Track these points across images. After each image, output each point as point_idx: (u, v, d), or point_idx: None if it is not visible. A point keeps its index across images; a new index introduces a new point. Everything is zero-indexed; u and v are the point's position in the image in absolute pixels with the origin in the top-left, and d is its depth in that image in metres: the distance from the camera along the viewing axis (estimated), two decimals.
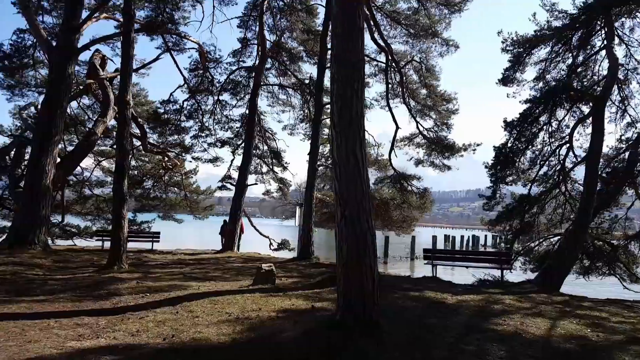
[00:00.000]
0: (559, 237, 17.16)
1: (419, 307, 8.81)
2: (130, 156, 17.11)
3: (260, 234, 23.34)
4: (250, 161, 22.03)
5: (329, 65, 19.81)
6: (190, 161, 24.32)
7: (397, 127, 18.38)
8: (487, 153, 18.71)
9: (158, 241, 20.97)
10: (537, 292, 11.88)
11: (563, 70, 18.59)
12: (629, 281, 15.48)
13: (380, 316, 6.70)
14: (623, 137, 17.44)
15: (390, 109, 17.67)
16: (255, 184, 24.07)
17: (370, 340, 6.05)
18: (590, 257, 15.91)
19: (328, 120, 19.99)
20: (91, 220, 23.45)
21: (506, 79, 18.97)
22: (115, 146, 22.01)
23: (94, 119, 21.04)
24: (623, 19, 16.84)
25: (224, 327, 6.51)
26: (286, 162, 24.07)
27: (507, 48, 18.38)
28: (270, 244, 23.25)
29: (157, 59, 20.57)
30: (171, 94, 22.59)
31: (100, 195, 23.86)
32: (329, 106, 21.75)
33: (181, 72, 22.11)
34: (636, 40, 16.74)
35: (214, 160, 24.51)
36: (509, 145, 16.85)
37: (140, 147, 22.84)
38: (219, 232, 23.06)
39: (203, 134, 24.09)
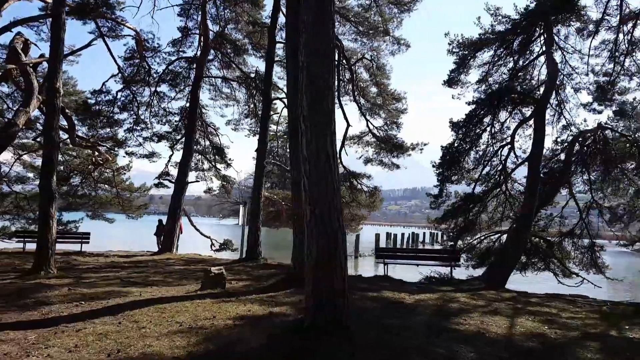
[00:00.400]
0: (499, 234, 17.81)
1: (378, 307, 8.57)
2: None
3: (201, 234, 22.29)
4: (191, 157, 20.95)
5: (277, 58, 19.36)
6: (125, 156, 22.76)
7: (348, 125, 18.14)
8: (426, 153, 19.02)
9: (88, 242, 19.41)
10: (485, 289, 12.09)
11: (505, 73, 19.19)
12: (561, 275, 16.21)
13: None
14: (559, 139, 18.36)
15: (341, 106, 17.38)
16: (197, 181, 22.95)
17: (341, 342, 5.73)
18: (527, 254, 16.49)
19: (275, 117, 19.42)
20: (10, 220, 21.28)
21: (451, 81, 19.28)
22: (39, 139, 20.19)
23: (15, 108, 19.04)
24: (559, 27, 17.58)
25: (176, 339, 5.83)
26: (230, 159, 23.16)
27: (454, 50, 18.68)
28: (212, 244, 22.25)
29: (88, 45, 18.91)
30: (104, 84, 21.02)
31: (20, 193, 21.69)
32: (277, 102, 21.49)
33: (115, 61, 20.61)
34: (571, 47, 17.56)
35: (150, 155, 23.09)
36: (456, 145, 17.16)
37: (68, 140, 21.00)
38: (155, 233, 21.78)
39: (138, 128, 22.61)
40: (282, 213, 19.87)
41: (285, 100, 19.03)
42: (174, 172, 22.30)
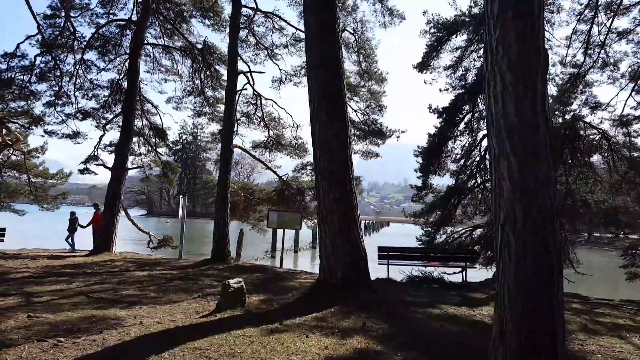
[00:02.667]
0: (475, 229, 17.24)
1: (469, 332, 6.96)
2: None
3: (139, 229, 19.13)
4: (131, 139, 17.71)
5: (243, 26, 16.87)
6: (43, 135, 18.73)
7: None
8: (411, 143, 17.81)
9: (2, 240, 15.60)
10: None
11: (475, 59, 18.58)
12: None
13: None
14: None
15: None
16: (140, 166, 19.57)
17: None
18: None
19: (249, 91, 16.95)
20: None
21: (423, 65, 18.28)
22: None
23: None
24: None
25: None
26: (173, 142, 20.08)
27: (431, 30, 17.63)
28: (150, 241, 19.22)
29: None
30: (18, 46, 16.92)
31: None
32: (242, 76, 18.77)
33: (35, 18, 16.61)
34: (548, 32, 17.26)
35: (74, 135, 19.31)
36: (438, 133, 16.18)
37: None
38: (68, 229, 18.24)
39: (60, 102, 18.76)
40: (238, 204, 17.52)
41: (249, 75, 16.67)
42: (104, 155, 18.82)
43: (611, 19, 16.75)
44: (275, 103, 17.70)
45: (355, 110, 16.82)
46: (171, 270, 12.52)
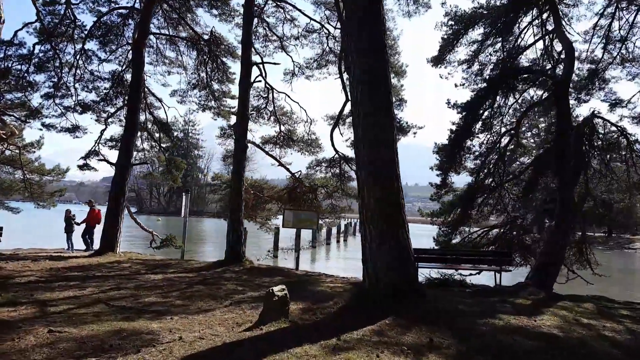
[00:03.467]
0: (491, 229, 16.70)
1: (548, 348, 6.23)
2: None
3: (142, 228, 18.24)
4: (136, 133, 16.81)
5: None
6: (41, 129, 17.72)
7: (347, 99, 15.47)
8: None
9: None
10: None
11: (491, 54, 18.00)
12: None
13: None
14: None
15: (341, 76, 14.59)
16: (145, 162, 18.66)
17: None
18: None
19: (259, 84, 16.14)
20: None
21: (439, 59, 17.66)
22: None
23: None
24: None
25: None
26: (177, 137, 19.17)
27: (449, 23, 16.97)
28: (153, 240, 18.36)
29: None
30: (16, 34, 15.92)
31: None
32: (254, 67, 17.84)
33: (35, 4, 15.61)
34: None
35: (73, 129, 18.37)
36: (462, 128, 15.55)
37: None
38: (65, 229, 17.31)
39: (59, 94, 17.79)
40: (247, 202, 16.71)
41: (261, 66, 15.86)
42: (105, 151, 17.95)
43: (634, 13, 16.32)
44: (288, 96, 16.92)
45: None
46: (186, 274, 11.72)
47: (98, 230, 16.64)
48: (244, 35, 14.50)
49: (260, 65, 15.60)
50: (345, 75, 14.27)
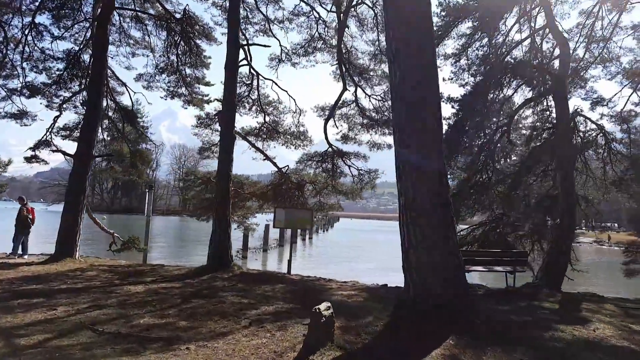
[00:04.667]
0: (478, 226, 16.15)
1: None
2: None
3: (102, 228, 16.12)
4: (100, 121, 14.76)
5: None
6: None
7: (345, 89, 14.20)
8: None
9: None
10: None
11: (477, 49, 17.38)
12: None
13: None
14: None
15: (340, 63, 13.30)
16: (111, 155, 16.46)
17: None
18: None
19: (243, 70, 14.56)
20: None
21: None
22: None
23: None
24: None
25: None
26: (144, 127, 17.18)
27: (441, 14, 16.14)
28: (113, 242, 16.28)
29: None
30: None
31: None
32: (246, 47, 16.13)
33: None
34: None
35: (19, 115, 16.00)
36: (456, 124, 14.80)
37: None
38: (15, 225, 14.65)
39: (2, 73, 15.41)
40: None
41: (247, 49, 14.32)
42: (58, 141, 15.75)
43: (618, 14, 16.16)
44: (276, 84, 15.42)
45: (369, 96, 14.94)
46: (170, 283, 10.07)
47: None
48: (230, 11, 12.88)
49: (246, 48, 14.07)
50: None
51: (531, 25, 16.42)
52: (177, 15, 16.49)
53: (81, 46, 16.52)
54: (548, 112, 16.95)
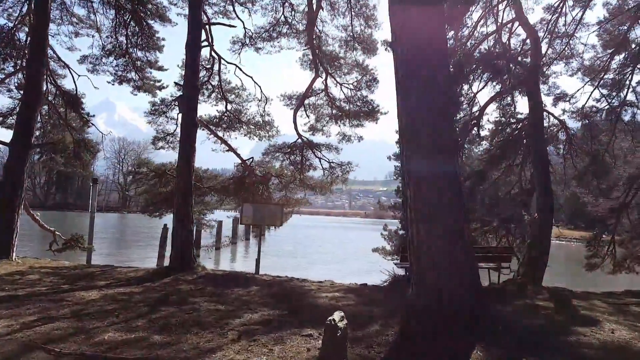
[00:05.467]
0: None
1: None
2: None
3: (42, 226, 14.44)
4: (40, 106, 13.08)
5: None
6: None
7: (317, 75, 13.29)
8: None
9: None
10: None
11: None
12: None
13: None
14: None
15: (312, 47, 12.37)
16: (52, 143, 14.64)
17: None
18: None
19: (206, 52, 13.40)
20: None
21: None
22: None
23: None
24: None
25: None
26: (88, 114, 15.50)
27: None
28: (54, 241, 14.67)
29: None
30: None
31: None
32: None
33: None
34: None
35: None
36: None
37: None
38: None
39: None
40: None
41: (208, 28, 13.18)
42: None
43: (582, 10, 16.39)
44: (240, 69, 14.30)
45: (341, 85, 14.15)
46: (128, 288, 8.87)
47: None
48: None
49: (207, 28, 12.92)
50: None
51: (497, 20, 16.32)
52: None
53: (16, 22, 14.75)
54: (513, 107, 16.98)
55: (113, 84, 16.42)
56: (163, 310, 6.90)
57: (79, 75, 15.48)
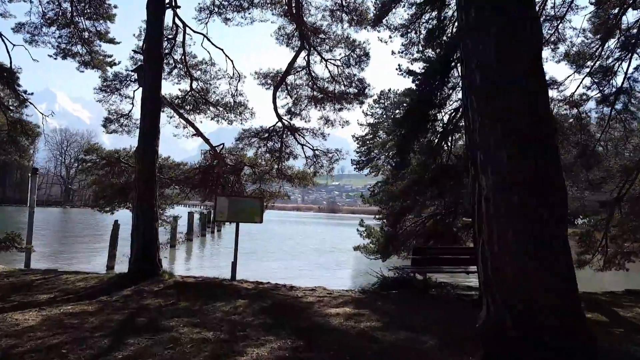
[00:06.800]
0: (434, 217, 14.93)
1: None
2: None
3: None
4: None
5: None
6: None
7: (303, 47, 11.48)
8: None
9: None
10: None
11: (426, 22, 15.98)
12: None
13: None
14: None
15: (291, 14, 10.58)
16: None
17: None
18: None
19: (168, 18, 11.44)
20: None
21: (378, 20, 14.98)
22: None
23: None
24: None
25: None
26: (26, 91, 13.06)
27: None
28: None
29: None
30: None
31: None
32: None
33: None
34: None
35: None
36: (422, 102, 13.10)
37: None
38: None
39: None
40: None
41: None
42: None
43: None
44: (208, 40, 12.34)
45: (326, 61, 12.42)
46: (80, 304, 6.95)
47: None
48: None
49: None
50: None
51: None
52: None
53: None
54: None
55: (56, 58, 14.02)
56: (131, 343, 5.08)
57: (14, 45, 13.02)
